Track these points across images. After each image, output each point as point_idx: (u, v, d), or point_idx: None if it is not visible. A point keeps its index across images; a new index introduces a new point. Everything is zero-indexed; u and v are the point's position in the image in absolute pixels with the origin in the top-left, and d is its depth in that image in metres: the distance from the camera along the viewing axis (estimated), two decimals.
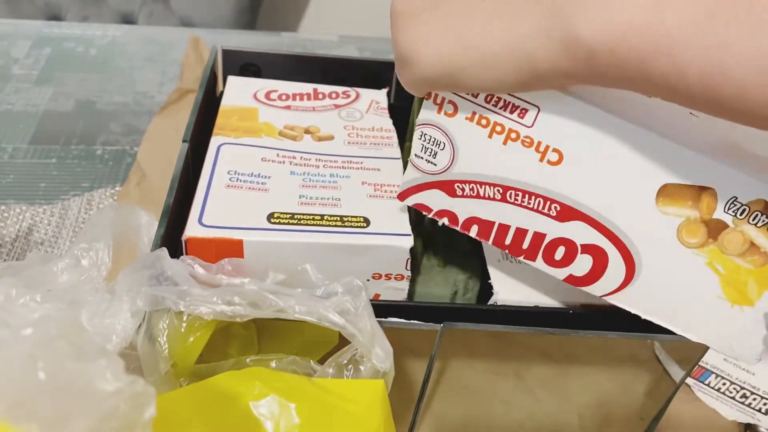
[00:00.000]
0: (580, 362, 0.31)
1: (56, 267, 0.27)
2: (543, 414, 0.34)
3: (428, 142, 0.30)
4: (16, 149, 0.53)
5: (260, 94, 0.42)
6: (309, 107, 0.42)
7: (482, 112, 0.28)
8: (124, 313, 0.25)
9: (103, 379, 0.17)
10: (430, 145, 0.30)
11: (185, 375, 0.27)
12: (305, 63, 0.47)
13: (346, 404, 0.24)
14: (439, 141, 0.30)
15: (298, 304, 0.26)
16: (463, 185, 0.30)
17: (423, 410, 0.33)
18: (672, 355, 0.31)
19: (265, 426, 0.23)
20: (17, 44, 0.67)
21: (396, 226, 0.33)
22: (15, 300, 0.24)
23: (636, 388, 0.32)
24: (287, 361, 0.27)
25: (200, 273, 0.27)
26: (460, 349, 0.30)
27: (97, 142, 0.55)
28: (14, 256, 0.44)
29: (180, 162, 0.35)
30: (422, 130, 0.30)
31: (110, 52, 0.67)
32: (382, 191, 0.35)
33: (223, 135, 0.37)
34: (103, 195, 0.49)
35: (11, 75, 0.62)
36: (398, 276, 0.33)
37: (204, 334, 0.26)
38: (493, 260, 0.34)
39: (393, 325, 0.29)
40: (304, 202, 0.34)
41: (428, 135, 0.30)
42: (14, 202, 0.48)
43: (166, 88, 0.62)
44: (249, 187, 0.34)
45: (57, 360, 0.17)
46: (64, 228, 0.46)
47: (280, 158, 0.36)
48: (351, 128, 0.40)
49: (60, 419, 0.17)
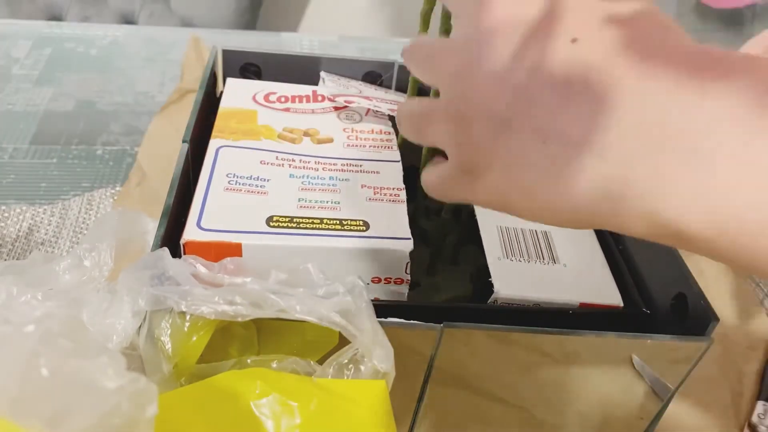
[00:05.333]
0: (580, 362, 0.31)
1: (58, 267, 0.27)
2: (543, 414, 0.34)
3: None
4: (16, 149, 0.53)
5: (259, 96, 0.42)
6: (308, 109, 0.42)
7: None
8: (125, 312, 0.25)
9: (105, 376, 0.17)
10: None
11: (186, 375, 0.27)
12: (305, 63, 0.47)
13: (348, 404, 0.24)
14: None
15: (299, 304, 0.26)
16: None
17: (423, 410, 0.33)
18: (672, 355, 0.31)
19: (267, 425, 0.23)
20: (18, 44, 0.67)
21: (396, 230, 0.33)
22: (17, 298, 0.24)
23: (636, 388, 0.32)
24: (288, 362, 0.27)
25: (202, 272, 0.27)
26: (460, 349, 0.30)
27: (97, 142, 0.55)
28: (15, 256, 0.44)
29: (180, 162, 0.35)
30: None
31: (111, 53, 0.67)
32: (382, 194, 0.35)
33: (222, 137, 0.37)
34: (103, 195, 0.49)
35: (12, 75, 0.62)
36: (398, 280, 0.33)
37: (206, 334, 0.26)
38: (493, 258, 0.34)
39: (393, 326, 0.29)
40: (304, 205, 0.34)
41: None
42: (15, 202, 0.48)
43: (167, 88, 0.62)
44: (248, 190, 0.34)
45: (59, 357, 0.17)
46: (65, 228, 0.46)
47: (279, 161, 0.36)
48: (350, 131, 0.40)
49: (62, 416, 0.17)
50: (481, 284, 0.35)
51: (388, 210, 0.34)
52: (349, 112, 0.42)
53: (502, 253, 0.34)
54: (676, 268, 0.33)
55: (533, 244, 0.36)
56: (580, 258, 0.36)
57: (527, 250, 0.36)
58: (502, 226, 0.37)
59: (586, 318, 0.34)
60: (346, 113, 0.42)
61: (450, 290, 0.36)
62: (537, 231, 0.37)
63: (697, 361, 0.31)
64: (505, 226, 0.37)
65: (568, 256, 0.36)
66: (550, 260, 0.35)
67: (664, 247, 0.34)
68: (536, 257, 0.35)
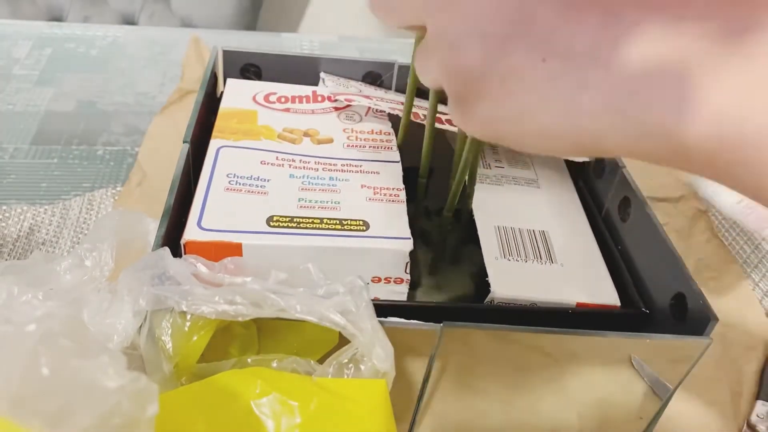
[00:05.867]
0: (580, 362, 0.31)
1: (59, 266, 0.27)
2: (543, 414, 0.34)
3: None
4: (17, 149, 0.53)
5: (259, 96, 0.42)
6: (308, 110, 0.42)
7: None
8: (126, 312, 0.25)
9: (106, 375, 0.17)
10: None
11: (186, 374, 0.27)
12: (305, 64, 0.47)
13: (348, 404, 0.25)
14: None
15: (299, 303, 0.26)
16: None
17: (423, 410, 0.33)
18: (671, 354, 0.31)
19: (267, 425, 0.23)
20: (18, 45, 0.67)
21: (395, 230, 0.33)
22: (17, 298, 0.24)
23: (635, 387, 0.32)
24: (288, 361, 0.27)
25: (202, 272, 0.27)
26: (460, 349, 0.30)
27: (98, 142, 0.55)
28: (15, 256, 0.44)
29: (181, 162, 0.35)
30: None
31: (111, 53, 0.67)
32: (381, 194, 0.35)
33: (222, 138, 0.37)
34: (104, 195, 0.49)
35: (12, 75, 0.62)
36: (398, 279, 0.33)
37: (206, 333, 0.26)
38: (490, 257, 0.35)
39: (393, 325, 0.29)
40: (304, 205, 0.34)
41: None
42: (15, 202, 0.48)
43: (167, 88, 0.62)
44: (248, 190, 0.34)
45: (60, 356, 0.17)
46: (65, 228, 0.46)
47: (280, 161, 0.36)
48: (350, 131, 0.40)
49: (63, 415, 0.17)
50: (483, 283, 0.35)
51: (388, 210, 0.34)
52: (349, 113, 0.42)
53: (499, 253, 0.34)
54: (675, 267, 0.33)
55: (531, 243, 0.36)
56: (578, 258, 0.36)
57: (525, 249, 0.36)
58: (499, 226, 0.37)
59: (586, 318, 0.34)
60: (346, 113, 0.42)
61: (451, 290, 0.36)
62: (535, 231, 0.37)
63: (696, 360, 0.31)
64: (503, 226, 0.37)
65: (566, 256, 0.36)
66: (548, 260, 0.36)
67: (663, 247, 0.34)
68: (534, 257, 0.36)
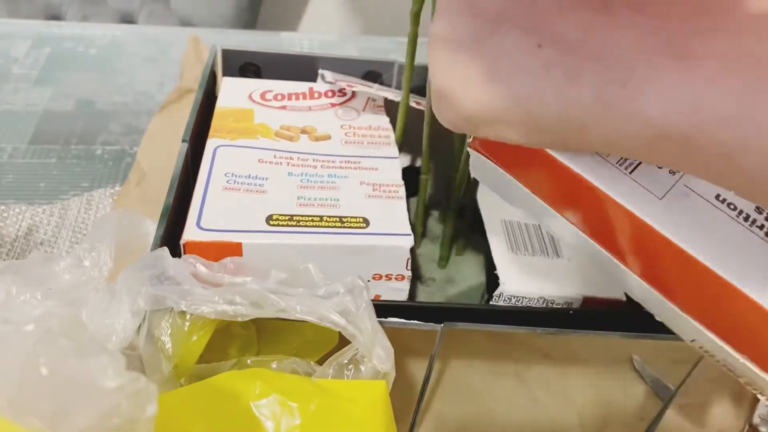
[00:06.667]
0: (580, 362, 0.31)
1: (58, 266, 0.27)
2: (543, 414, 0.33)
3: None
4: (15, 149, 0.53)
5: (255, 94, 0.42)
6: (305, 107, 0.42)
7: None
8: (125, 312, 0.25)
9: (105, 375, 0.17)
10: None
11: (186, 375, 0.27)
12: (305, 63, 0.47)
13: (348, 405, 0.24)
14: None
15: (299, 304, 0.26)
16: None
17: (423, 410, 0.33)
18: (673, 355, 0.31)
19: (267, 426, 0.23)
20: (17, 44, 0.67)
21: (396, 226, 0.33)
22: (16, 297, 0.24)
23: (636, 388, 0.32)
24: (288, 362, 0.27)
25: (202, 272, 0.27)
26: (460, 349, 0.30)
27: (96, 141, 0.55)
28: (14, 256, 0.44)
29: (180, 162, 0.35)
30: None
31: (110, 52, 0.67)
32: (381, 191, 0.35)
33: (219, 137, 0.37)
34: (102, 195, 0.49)
35: (11, 75, 0.62)
36: (399, 276, 0.33)
37: (206, 334, 0.26)
38: (498, 252, 0.34)
39: (393, 326, 0.29)
40: (303, 203, 0.34)
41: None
42: (14, 202, 0.48)
43: (166, 87, 0.62)
44: (246, 189, 0.34)
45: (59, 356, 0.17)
46: (64, 228, 0.46)
47: (278, 159, 0.36)
48: (348, 127, 0.40)
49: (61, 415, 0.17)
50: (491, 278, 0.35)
51: (388, 206, 0.34)
52: (347, 109, 0.42)
53: (506, 247, 0.35)
54: None
55: (537, 237, 0.36)
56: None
57: (531, 244, 0.36)
58: (506, 220, 0.37)
59: (586, 318, 0.34)
60: (344, 110, 0.42)
61: (464, 282, 0.36)
62: (541, 225, 0.37)
63: (698, 361, 0.31)
64: (509, 220, 0.37)
65: (572, 251, 0.36)
66: (554, 254, 0.36)
67: None
68: (540, 251, 0.36)
